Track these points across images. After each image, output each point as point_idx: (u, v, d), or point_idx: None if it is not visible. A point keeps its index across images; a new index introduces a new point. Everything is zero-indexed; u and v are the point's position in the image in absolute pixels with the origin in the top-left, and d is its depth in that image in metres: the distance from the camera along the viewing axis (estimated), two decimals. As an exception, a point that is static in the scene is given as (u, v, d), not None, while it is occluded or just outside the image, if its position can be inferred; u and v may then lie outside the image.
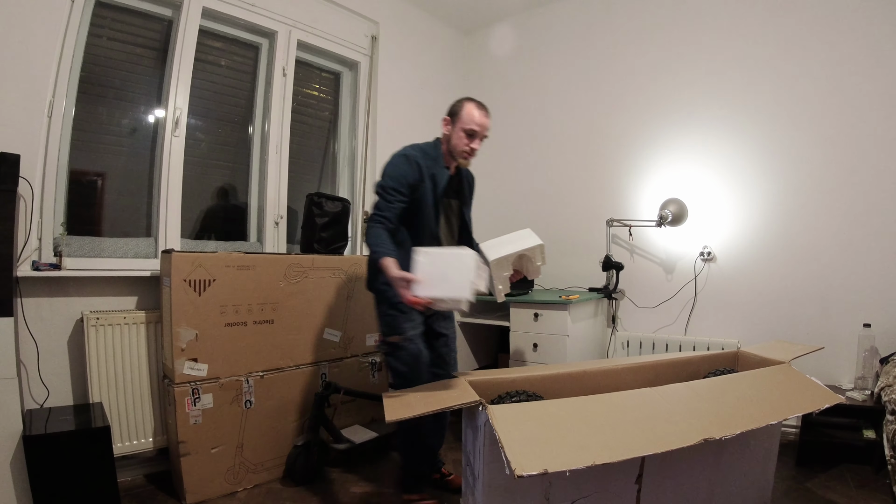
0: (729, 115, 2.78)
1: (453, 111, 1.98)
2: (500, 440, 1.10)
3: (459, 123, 1.93)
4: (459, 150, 1.94)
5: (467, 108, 1.94)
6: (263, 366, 2.21)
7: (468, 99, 1.98)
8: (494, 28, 3.82)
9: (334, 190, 3.29)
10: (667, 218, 2.80)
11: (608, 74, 3.25)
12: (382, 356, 1.96)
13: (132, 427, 2.12)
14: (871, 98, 2.40)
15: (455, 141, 1.95)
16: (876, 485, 2.05)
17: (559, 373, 1.74)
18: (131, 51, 2.37)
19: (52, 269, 2.01)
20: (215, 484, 2.05)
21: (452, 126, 1.96)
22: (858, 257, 2.43)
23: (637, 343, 2.95)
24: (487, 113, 2.00)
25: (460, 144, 1.94)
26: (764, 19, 2.67)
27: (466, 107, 1.95)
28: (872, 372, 2.30)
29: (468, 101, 1.97)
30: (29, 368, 1.97)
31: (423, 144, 1.99)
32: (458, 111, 1.96)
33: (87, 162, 2.27)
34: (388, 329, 1.93)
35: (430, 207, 1.92)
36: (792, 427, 2.51)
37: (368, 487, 2.15)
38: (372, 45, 3.31)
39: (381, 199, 1.83)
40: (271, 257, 2.27)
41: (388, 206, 1.81)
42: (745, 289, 2.74)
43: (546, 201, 3.49)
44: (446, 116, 1.99)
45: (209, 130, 2.70)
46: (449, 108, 2.01)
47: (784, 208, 2.63)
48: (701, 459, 1.47)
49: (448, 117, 1.98)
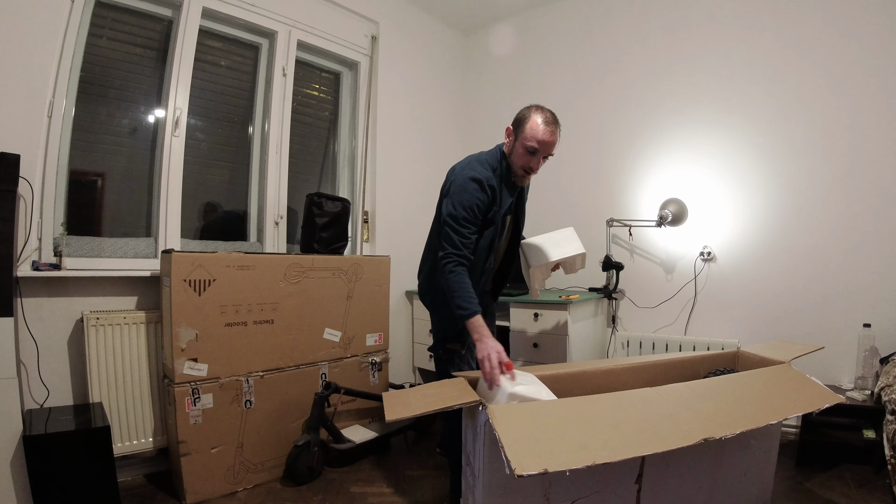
0: (729, 115, 2.78)
1: (518, 120, 1.72)
2: (500, 440, 1.10)
3: (521, 137, 1.70)
4: (516, 167, 1.74)
5: (532, 121, 1.68)
6: (263, 366, 2.21)
7: (537, 108, 1.71)
8: (494, 28, 3.82)
9: (334, 190, 3.29)
10: (667, 218, 2.80)
11: (608, 74, 3.25)
12: (433, 357, 1.91)
13: (132, 427, 2.12)
14: (872, 98, 2.39)
15: (514, 157, 1.73)
16: (876, 485, 2.05)
17: (559, 373, 1.74)
18: (131, 51, 2.37)
19: (52, 269, 2.01)
20: (215, 484, 2.05)
21: (515, 138, 1.73)
22: (859, 257, 2.43)
23: (637, 343, 2.95)
24: (557, 128, 1.70)
25: (518, 161, 1.72)
26: (764, 20, 2.67)
27: (532, 118, 1.68)
28: (872, 372, 2.30)
29: (536, 112, 1.69)
30: (29, 368, 1.97)
31: (488, 157, 1.77)
32: (522, 121, 1.71)
33: (87, 162, 2.27)
34: (447, 336, 1.84)
35: (494, 227, 1.76)
36: (792, 427, 2.51)
37: (368, 487, 2.15)
38: (372, 45, 3.31)
39: (455, 234, 1.64)
40: (271, 257, 2.27)
41: (464, 241, 1.64)
42: (745, 289, 2.74)
43: (546, 201, 3.49)
44: (510, 125, 1.75)
45: (209, 130, 2.70)
46: (516, 115, 1.75)
47: (784, 208, 2.63)
48: (701, 459, 1.47)
49: (511, 126, 1.75)
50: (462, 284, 1.61)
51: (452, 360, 1.83)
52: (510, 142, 1.76)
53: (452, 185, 1.72)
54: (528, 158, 1.71)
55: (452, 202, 1.68)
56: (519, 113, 1.74)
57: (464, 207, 1.65)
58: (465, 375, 1.57)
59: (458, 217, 1.66)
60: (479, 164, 1.73)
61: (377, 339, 2.70)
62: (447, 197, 1.73)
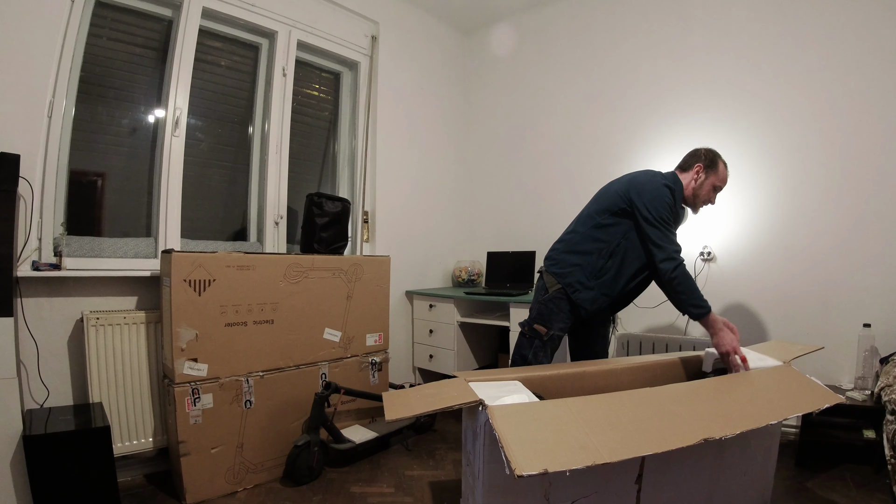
0: (729, 115, 2.78)
1: (711, 163, 1.99)
2: (500, 440, 1.10)
3: (714, 178, 1.98)
4: (704, 199, 2.01)
5: (723, 166, 2.00)
6: (263, 366, 2.21)
7: (719, 154, 2.02)
8: (494, 28, 3.82)
9: (334, 190, 3.29)
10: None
11: (608, 74, 3.24)
12: (519, 334, 2.06)
13: (132, 427, 2.12)
14: (872, 98, 2.39)
15: (704, 192, 1.99)
16: (876, 485, 2.05)
17: (559, 373, 1.74)
18: (131, 51, 2.37)
19: (52, 269, 2.01)
20: (215, 484, 2.05)
21: (705, 176, 1.98)
22: (859, 257, 2.43)
23: (637, 343, 2.95)
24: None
25: (706, 196, 2.00)
26: (765, 20, 2.67)
27: (722, 163, 2.00)
28: (872, 372, 2.30)
29: (720, 158, 2.01)
30: (29, 368, 1.97)
31: (670, 177, 1.99)
32: (715, 165, 1.99)
33: (87, 162, 2.27)
34: (539, 317, 1.99)
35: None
36: (792, 427, 2.51)
37: (368, 487, 2.15)
38: (372, 45, 3.31)
39: (668, 232, 1.85)
40: (271, 257, 2.27)
41: (677, 241, 1.87)
42: (745, 289, 2.73)
43: (546, 201, 3.49)
44: (700, 164, 1.99)
45: (209, 130, 2.70)
46: (706, 156, 2.00)
47: (784, 208, 2.63)
48: (701, 459, 1.47)
49: (701, 165, 1.99)
50: (695, 286, 1.82)
51: (532, 342, 1.98)
52: (699, 177, 1.99)
53: (647, 186, 1.90)
54: (714, 194, 2.02)
55: (658, 204, 1.86)
56: (710, 155, 2.00)
57: (668, 209, 1.87)
58: (470, 377, 1.57)
59: (667, 220, 1.86)
60: (669, 181, 1.95)
61: (377, 339, 2.70)
62: (642, 195, 1.89)
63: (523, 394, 1.43)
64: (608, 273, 1.94)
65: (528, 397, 1.41)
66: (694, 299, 1.79)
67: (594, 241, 1.97)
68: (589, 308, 1.95)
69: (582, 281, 1.95)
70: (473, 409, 1.38)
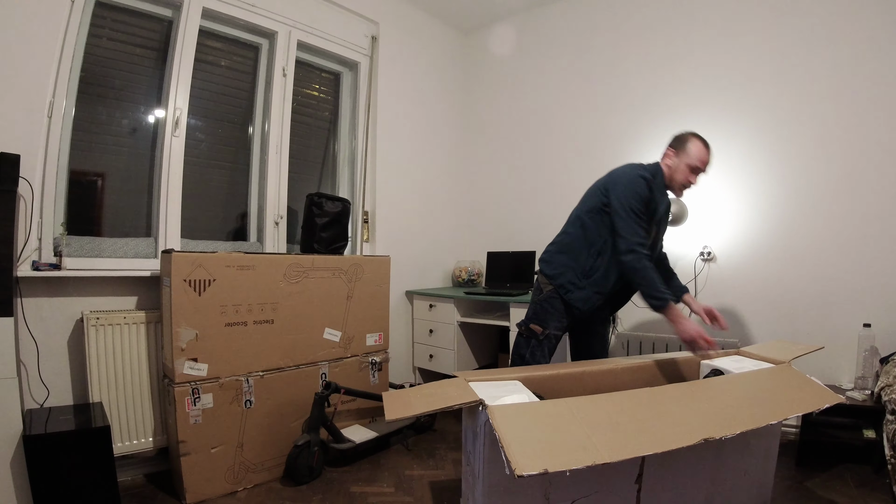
0: (729, 116, 2.78)
1: (679, 144, 1.96)
2: (500, 440, 1.10)
3: (685, 158, 1.93)
4: (680, 183, 1.96)
5: (696, 145, 1.93)
6: (263, 366, 2.21)
7: (694, 135, 1.96)
8: (494, 28, 3.82)
9: (334, 190, 3.29)
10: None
11: (608, 74, 3.24)
12: (517, 334, 2.09)
13: (132, 427, 2.12)
14: (872, 98, 2.39)
15: (679, 175, 1.95)
16: (876, 485, 2.05)
17: (559, 373, 1.74)
18: (131, 51, 2.37)
19: (52, 269, 2.01)
20: (215, 484, 2.05)
21: (677, 158, 1.96)
22: (858, 257, 2.43)
23: (637, 343, 2.95)
24: (710, 150, 1.97)
25: (682, 178, 1.95)
26: (765, 21, 2.67)
27: (695, 143, 1.93)
28: (872, 372, 2.30)
29: (695, 138, 1.95)
30: (29, 368, 1.97)
31: (650, 168, 1.97)
32: (684, 145, 1.94)
33: (87, 162, 2.27)
34: (535, 317, 2.02)
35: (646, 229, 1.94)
36: (792, 427, 2.50)
37: (368, 487, 2.15)
38: (372, 45, 3.31)
39: (634, 224, 1.83)
40: (271, 257, 2.27)
41: (644, 233, 1.85)
42: (745, 288, 2.73)
43: (545, 200, 3.49)
44: (671, 148, 1.98)
45: (209, 130, 2.70)
46: (673, 138, 1.99)
47: (784, 208, 2.63)
48: (701, 459, 1.47)
49: (672, 149, 1.98)
50: (654, 277, 1.81)
51: (529, 341, 2.01)
52: (672, 161, 1.97)
53: (621, 178, 1.92)
54: (692, 176, 1.95)
55: (627, 194, 1.87)
56: (679, 137, 1.97)
57: (638, 199, 1.86)
58: (470, 377, 1.57)
59: (636, 210, 1.85)
60: (645, 171, 1.95)
61: (377, 339, 2.70)
62: (616, 186, 1.91)
63: (523, 394, 1.43)
64: (598, 272, 1.97)
65: (528, 397, 1.41)
66: (653, 290, 1.81)
67: (583, 241, 2.00)
68: (582, 308, 1.97)
69: (573, 281, 1.98)
70: (473, 408, 1.38)
